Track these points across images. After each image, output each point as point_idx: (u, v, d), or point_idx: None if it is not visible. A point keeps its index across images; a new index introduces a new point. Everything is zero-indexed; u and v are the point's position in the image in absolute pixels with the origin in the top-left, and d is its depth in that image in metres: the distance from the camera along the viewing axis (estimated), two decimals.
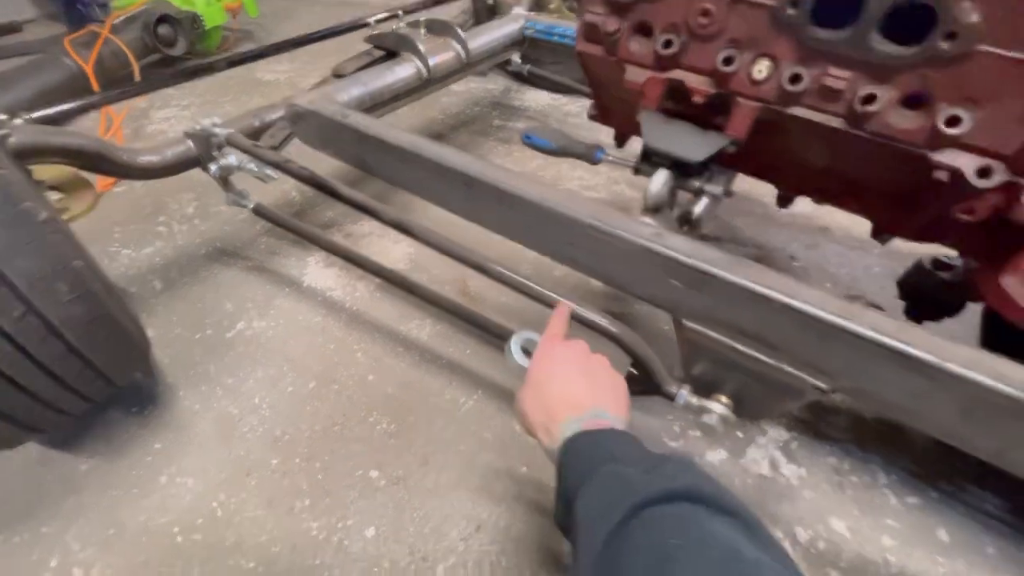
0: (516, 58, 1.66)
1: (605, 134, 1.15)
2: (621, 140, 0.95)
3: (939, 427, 0.59)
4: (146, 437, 0.93)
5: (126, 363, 0.79)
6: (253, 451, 0.91)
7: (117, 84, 1.92)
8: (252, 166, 1.03)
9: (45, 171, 0.90)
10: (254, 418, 0.96)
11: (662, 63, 0.67)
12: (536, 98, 2.09)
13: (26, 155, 0.79)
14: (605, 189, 1.60)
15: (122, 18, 1.96)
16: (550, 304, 0.79)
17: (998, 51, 0.48)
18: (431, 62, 1.25)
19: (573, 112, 2.01)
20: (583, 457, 0.46)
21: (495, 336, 0.96)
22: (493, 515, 0.84)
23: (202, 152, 1.06)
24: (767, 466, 0.92)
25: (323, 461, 0.90)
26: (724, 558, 0.32)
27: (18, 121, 0.92)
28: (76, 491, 0.85)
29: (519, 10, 1.61)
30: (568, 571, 0.41)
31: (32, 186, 0.61)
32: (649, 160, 0.77)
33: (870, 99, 0.56)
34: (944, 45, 0.50)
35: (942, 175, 0.56)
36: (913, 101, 0.56)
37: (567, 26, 1.49)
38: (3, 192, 0.56)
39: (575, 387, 0.54)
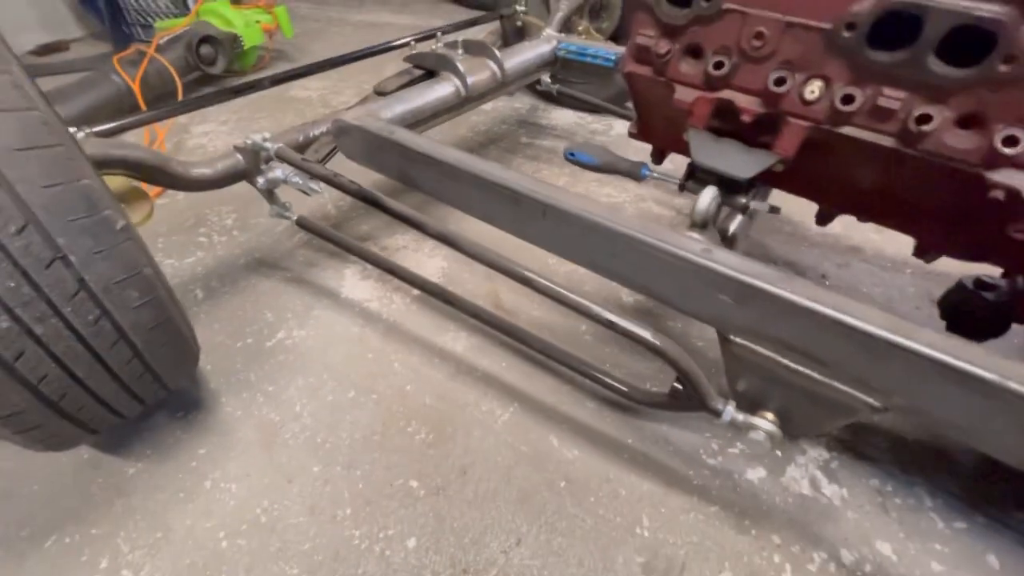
0: (546, 78, 1.70)
1: (632, 152, 1.17)
2: (659, 157, 0.97)
3: (1000, 448, 0.58)
4: (190, 442, 0.94)
5: (182, 367, 0.82)
6: (294, 458, 0.92)
7: (160, 100, 2.00)
8: (297, 179, 1.06)
9: (107, 181, 0.94)
10: (295, 425, 0.97)
11: (712, 83, 0.69)
12: (562, 116, 2.13)
13: (97, 166, 0.83)
14: (633, 206, 1.61)
15: (167, 38, 2.04)
16: (594, 318, 0.80)
17: None
18: (469, 81, 1.29)
19: (599, 130, 2.04)
20: None
21: (531, 348, 0.97)
22: (533, 528, 0.84)
23: (250, 165, 1.09)
24: (807, 485, 0.91)
25: (363, 470, 0.91)
26: None
27: (81, 135, 0.97)
28: (125, 494, 0.87)
29: (551, 32, 1.65)
30: None
31: (110, 195, 0.64)
32: (695, 177, 0.79)
33: (925, 119, 0.57)
34: (1003, 68, 0.51)
35: (999, 194, 0.57)
36: (968, 121, 0.57)
37: (599, 47, 1.52)
38: (89, 200, 0.59)
39: None
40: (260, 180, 1.10)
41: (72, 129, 0.91)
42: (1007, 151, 0.54)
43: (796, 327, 0.65)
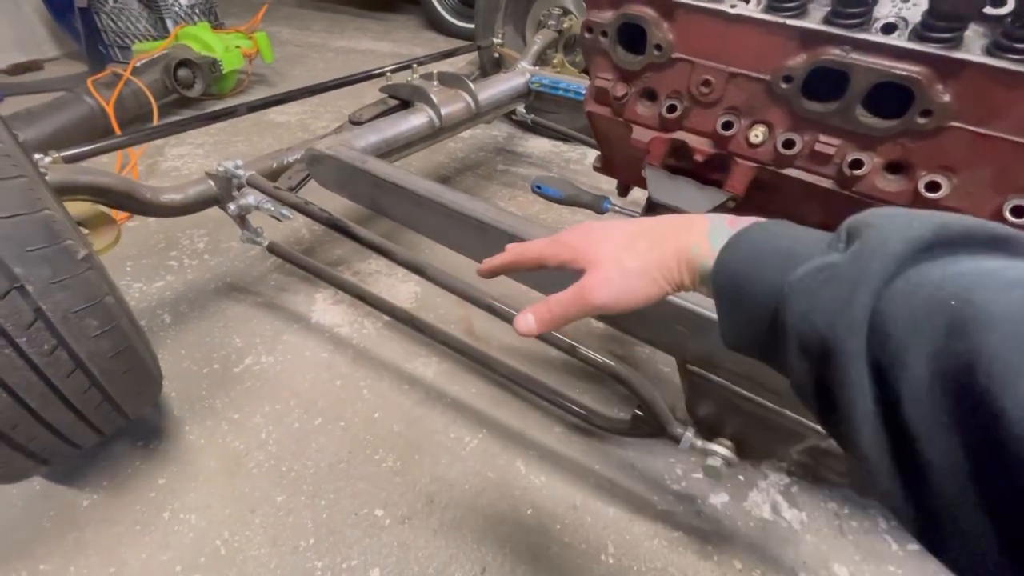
0: (521, 108, 1.75)
1: (604, 182, 1.21)
2: (624, 190, 1.01)
3: None
4: (150, 471, 0.92)
5: (142, 397, 0.81)
6: (258, 487, 0.91)
7: (136, 122, 1.99)
8: (269, 206, 1.07)
9: (71, 207, 0.93)
10: (260, 454, 0.96)
11: (666, 125, 0.73)
12: (538, 145, 2.19)
13: (61, 192, 0.83)
14: None
15: (144, 61, 2.05)
16: (556, 345, 0.82)
17: (968, 127, 0.54)
18: (443, 112, 1.32)
19: (573, 159, 2.10)
20: (761, 261, 0.33)
21: (501, 375, 0.98)
22: (498, 557, 0.83)
23: (222, 191, 1.10)
24: (769, 510, 0.93)
25: (328, 499, 0.90)
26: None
27: (48, 160, 0.97)
28: (77, 527, 0.84)
29: (525, 65, 1.71)
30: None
31: (72, 223, 0.64)
32: (654, 212, 0.82)
33: (857, 164, 0.62)
34: (921, 120, 0.56)
35: None
36: (896, 167, 0.61)
37: (571, 81, 1.58)
38: (49, 229, 0.59)
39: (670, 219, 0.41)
40: (232, 206, 1.10)
41: (38, 155, 0.91)
42: (930, 195, 0.59)
43: (745, 358, 0.68)
